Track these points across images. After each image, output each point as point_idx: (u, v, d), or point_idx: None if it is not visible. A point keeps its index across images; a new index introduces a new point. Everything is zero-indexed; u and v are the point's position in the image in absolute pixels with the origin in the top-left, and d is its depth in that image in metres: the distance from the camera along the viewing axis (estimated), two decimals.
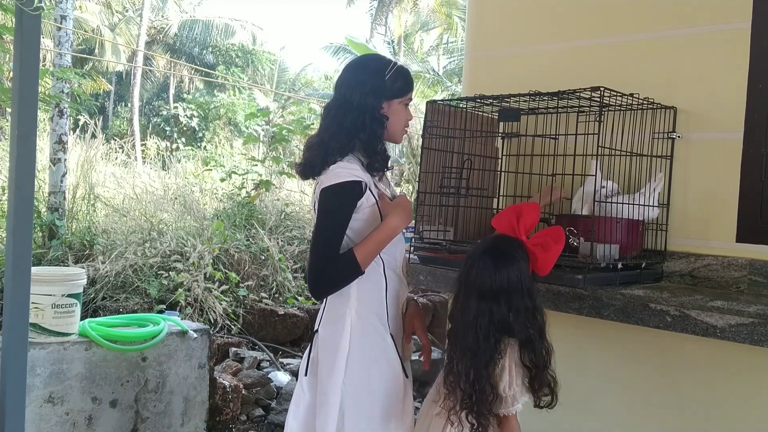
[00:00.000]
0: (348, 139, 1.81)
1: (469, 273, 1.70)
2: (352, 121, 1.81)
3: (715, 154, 2.25)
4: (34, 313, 2.53)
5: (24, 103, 1.94)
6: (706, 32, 2.27)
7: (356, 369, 1.82)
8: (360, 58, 2.00)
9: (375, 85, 1.84)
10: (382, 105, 1.85)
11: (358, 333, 1.83)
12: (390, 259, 1.88)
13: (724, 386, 2.15)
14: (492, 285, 1.64)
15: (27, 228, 1.99)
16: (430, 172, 2.43)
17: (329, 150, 1.81)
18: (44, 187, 5.67)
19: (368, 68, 1.89)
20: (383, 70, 1.86)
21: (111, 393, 2.77)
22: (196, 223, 5.81)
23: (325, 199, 1.79)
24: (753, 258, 2.14)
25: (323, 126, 1.87)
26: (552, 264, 1.70)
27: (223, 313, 4.68)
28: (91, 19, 19.28)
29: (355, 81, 1.85)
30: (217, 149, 14.38)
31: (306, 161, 1.87)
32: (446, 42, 20.83)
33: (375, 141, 1.84)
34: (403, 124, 1.92)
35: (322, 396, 1.83)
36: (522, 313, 1.65)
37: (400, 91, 1.88)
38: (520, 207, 1.77)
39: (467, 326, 1.66)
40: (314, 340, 1.92)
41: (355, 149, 1.83)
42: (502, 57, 2.82)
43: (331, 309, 1.88)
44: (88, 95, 9.27)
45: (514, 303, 1.64)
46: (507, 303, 1.64)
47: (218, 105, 19.32)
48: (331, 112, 1.86)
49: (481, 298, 1.65)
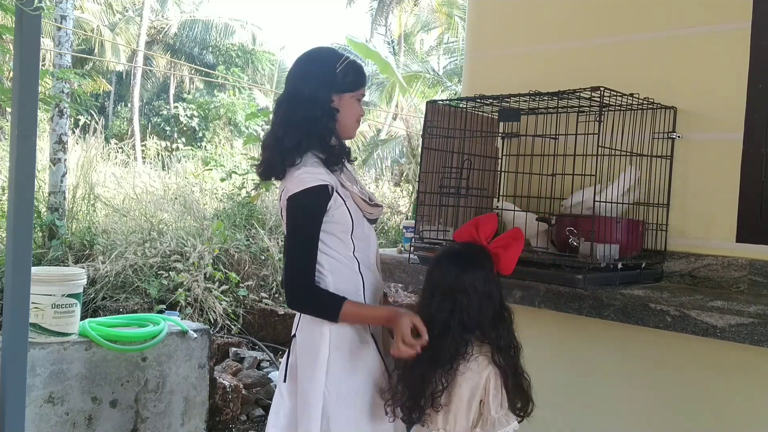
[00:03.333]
0: (301, 135, 1.77)
1: (431, 276, 1.77)
2: (303, 114, 1.78)
3: (715, 154, 2.24)
4: (34, 313, 2.53)
5: (24, 103, 1.93)
6: (706, 32, 2.27)
7: (338, 372, 1.78)
8: (310, 50, 1.94)
9: (324, 77, 1.81)
10: (332, 98, 1.82)
11: (337, 335, 1.79)
12: (364, 257, 1.86)
13: (724, 386, 2.15)
14: (456, 283, 1.70)
15: (27, 228, 1.99)
16: (430, 172, 2.43)
17: (284, 149, 1.77)
18: (44, 187, 5.67)
19: (318, 60, 1.86)
20: (334, 63, 1.83)
21: (111, 393, 2.77)
22: (196, 223, 5.81)
23: (293, 207, 1.76)
24: (753, 258, 2.14)
25: (275, 122, 1.83)
26: (514, 261, 1.76)
27: (223, 313, 4.68)
28: (91, 19, 19.28)
29: (304, 73, 1.83)
30: (217, 149, 14.37)
31: (264, 161, 1.84)
32: (446, 42, 20.82)
33: (327, 135, 1.81)
34: (355, 119, 1.89)
35: (304, 402, 1.78)
36: (489, 310, 1.70)
37: (352, 84, 1.86)
38: (478, 218, 1.84)
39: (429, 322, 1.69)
40: (292, 345, 1.88)
41: (311, 146, 1.79)
42: (502, 57, 2.82)
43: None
44: (88, 95, 9.25)
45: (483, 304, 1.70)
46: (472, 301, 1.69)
47: (218, 105, 19.31)
48: (282, 107, 1.83)
49: (444, 296, 1.71)
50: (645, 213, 2.28)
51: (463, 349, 1.69)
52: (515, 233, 1.80)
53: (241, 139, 15.24)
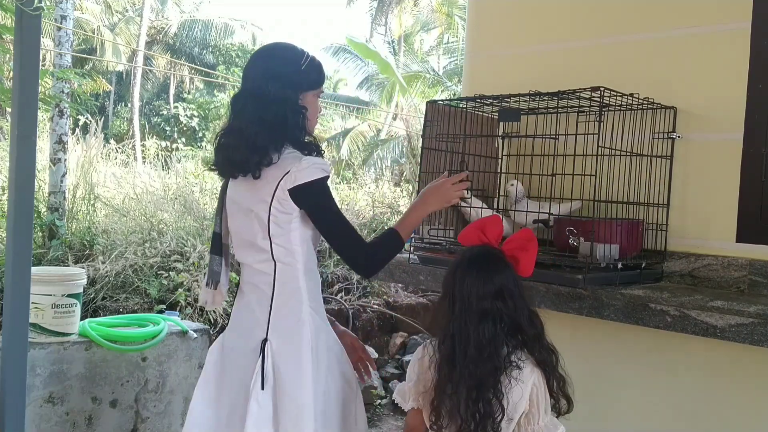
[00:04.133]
0: (274, 134, 1.76)
1: (461, 285, 1.61)
2: (274, 115, 1.75)
3: (715, 154, 2.24)
4: (34, 313, 2.53)
5: (24, 103, 1.94)
6: (706, 32, 2.27)
7: (322, 370, 1.77)
8: (270, 46, 1.92)
9: (291, 76, 1.80)
10: (299, 96, 1.81)
11: (315, 334, 1.78)
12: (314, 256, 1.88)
13: (724, 386, 2.15)
14: (489, 290, 1.58)
15: (27, 228, 2.00)
16: (430, 172, 2.43)
17: (259, 149, 1.73)
18: (44, 187, 5.67)
19: (283, 58, 1.83)
20: (298, 61, 1.82)
21: (111, 393, 2.77)
22: (196, 223, 5.80)
23: (318, 193, 1.76)
24: (753, 258, 2.14)
25: (242, 121, 1.77)
26: (533, 263, 1.68)
27: (223, 313, 4.68)
28: (91, 19, 19.28)
29: (269, 72, 1.79)
30: None
31: (229, 159, 1.79)
32: (446, 42, 20.82)
33: (300, 133, 1.81)
34: (316, 116, 1.90)
35: (297, 408, 1.71)
36: (525, 311, 1.62)
37: (315, 83, 1.85)
38: (482, 221, 1.75)
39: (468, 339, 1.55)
40: (266, 350, 1.76)
41: (286, 144, 1.78)
42: (502, 57, 2.82)
43: (283, 314, 1.78)
44: (88, 95, 9.26)
45: (517, 304, 1.60)
46: (508, 304, 1.59)
47: (218, 105, 19.33)
48: (248, 107, 1.78)
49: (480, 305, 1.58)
50: (645, 213, 2.28)
51: (507, 357, 1.56)
52: (527, 235, 1.72)
53: None
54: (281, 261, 1.79)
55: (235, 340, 1.87)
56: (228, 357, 1.87)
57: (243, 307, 1.88)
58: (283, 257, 1.78)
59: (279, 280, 1.79)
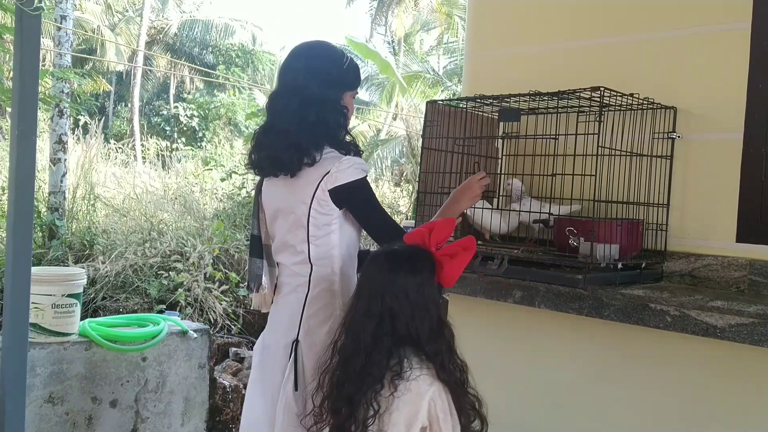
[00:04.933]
0: (317, 135, 1.74)
1: (366, 275, 1.58)
2: (316, 114, 1.74)
3: (715, 154, 2.24)
4: (34, 313, 2.53)
5: (24, 103, 1.94)
6: (706, 32, 2.27)
7: None
8: (311, 44, 1.88)
9: (334, 75, 1.79)
10: (340, 96, 1.81)
11: None
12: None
13: (724, 386, 2.15)
14: (388, 288, 1.51)
15: (27, 228, 2.00)
16: (430, 172, 2.43)
17: (302, 149, 1.72)
18: (44, 187, 5.67)
19: (325, 57, 1.82)
20: (340, 60, 1.81)
21: (111, 393, 2.77)
22: (196, 223, 5.81)
23: (359, 192, 1.76)
24: (753, 258, 2.14)
25: (286, 120, 1.76)
26: (458, 273, 1.57)
27: (223, 313, 4.68)
28: (91, 19, 19.28)
29: (312, 69, 1.77)
30: (217, 149, 14.39)
31: (272, 158, 1.77)
32: (446, 42, 20.82)
33: (341, 133, 1.81)
34: (351, 116, 1.90)
35: None
36: (426, 323, 1.51)
37: (354, 83, 1.86)
38: (433, 223, 1.66)
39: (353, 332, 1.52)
40: (298, 351, 1.77)
41: (326, 144, 1.77)
42: (502, 57, 2.82)
43: (316, 316, 1.78)
44: (88, 95, 9.26)
45: (416, 312, 1.50)
46: (404, 309, 1.49)
47: (218, 105, 19.32)
48: (290, 106, 1.75)
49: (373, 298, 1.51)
50: (645, 213, 2.28)
51: (396, 366, 1.47)
52: (467, 242, 1.60)
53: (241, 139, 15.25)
54: (317, 263, 1.78)
55: (271, 338, 1.89)
56: (265, 354, 1.90)
57: (279, 306, 1.89)
58: (319, 260, 1.78)
59: (314, 282, 1.79)
